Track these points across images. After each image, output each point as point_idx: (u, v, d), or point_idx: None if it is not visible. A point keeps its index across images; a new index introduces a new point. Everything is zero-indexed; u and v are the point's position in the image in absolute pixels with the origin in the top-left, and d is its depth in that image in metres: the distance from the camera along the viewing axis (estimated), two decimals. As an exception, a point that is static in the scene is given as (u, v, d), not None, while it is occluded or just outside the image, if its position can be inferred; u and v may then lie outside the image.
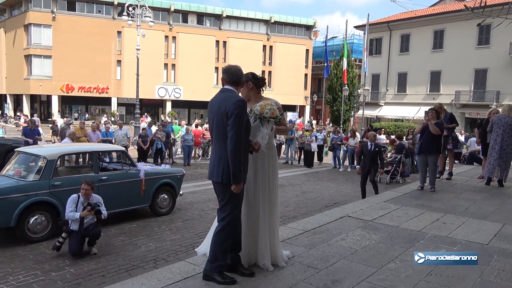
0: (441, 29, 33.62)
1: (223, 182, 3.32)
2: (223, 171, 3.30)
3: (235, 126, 3.23)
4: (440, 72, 33.67)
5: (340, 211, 6.10)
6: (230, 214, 3.36)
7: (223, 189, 3.37)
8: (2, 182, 6.36)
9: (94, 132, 13.02)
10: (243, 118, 3.27)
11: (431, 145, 7.73)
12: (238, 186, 3.27)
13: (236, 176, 3.25)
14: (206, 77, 44.99)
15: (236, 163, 3.24)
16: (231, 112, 3.23)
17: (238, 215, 3.45)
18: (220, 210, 3.44)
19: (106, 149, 8.99)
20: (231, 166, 3.25)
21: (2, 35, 44.49)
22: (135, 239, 6.47)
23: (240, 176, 3.26)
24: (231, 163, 3.25)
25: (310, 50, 51.22)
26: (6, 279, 4.85)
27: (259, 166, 3.66)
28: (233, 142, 3.23)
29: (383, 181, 12.50)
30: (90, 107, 44.22)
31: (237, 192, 3.29)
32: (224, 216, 3.38)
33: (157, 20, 39.89)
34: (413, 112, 33.92)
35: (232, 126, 3.24)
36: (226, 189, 3.33)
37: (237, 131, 3.24)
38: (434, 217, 5.77)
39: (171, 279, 3.47)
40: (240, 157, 3.25)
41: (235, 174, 3.24)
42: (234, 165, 3.24)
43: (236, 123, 3.23)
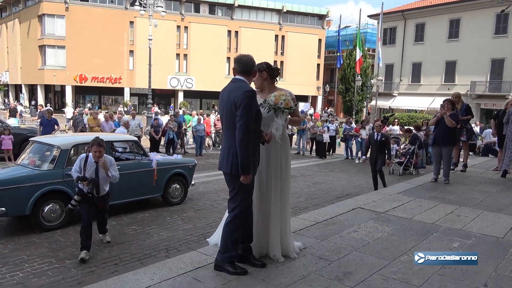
0: (457, 18, 32.94)
1: (232, 173, 3.32)
2: (232, 162, 3.30)
3: (243, 117, 3.21)
4: (456, 62, 33.08)
5: (352, 203, 6.06)
6: (240, 204, 3.36)
7: (232, 179, 3.37)
8: (17, 171, 6.45)
9: (107, 122, 13.13)
10: (251, 109, 3.24)
11: (446, 136, 7.61)
12: (247, 177, 3.26)
13: (244, 167, 3.23)
14: (218, 67, 44.90)
15: (244, 154, 3.22)
16: (240, 103, 3.21)
17: (249, 205, 3.43)
18: (230, 201, 3.44)
19: (119, 139, 9.05)
20: (239, 157, 3.24)
21: (17, 25, 44.92)
22: (147, 228, 6.53)
23: (248, 167, 3.24)
24: (239, 154, 3.24)
25: (322, 40, 50.67)
26: (22, 266, 4.94)
27: (272, 156, 3.63)
28: (241, 132, 3.21)
29: (396, 173, 12.39)
30: (103, 97, 44.52)
31: (246, 183, 3.28)
32: (234, 207, 3.38)
33: (169, 10, 39.84)
34: (427, 102, 33.47)
35: (241, 117, 3.22)
36: (235, 179, 3.32)
37: (245, 122, 3.21)
38: (448, 210, 5.70)
39: (183, 268, 3.49)
40: (248, 148, 3.22)
41: (243, 165, 3.23)
42: (242, 156, 3.23)
43: (244, 114, 3.21)
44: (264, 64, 3.76)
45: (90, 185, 5.18)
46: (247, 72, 3.44)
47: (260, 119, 3.40)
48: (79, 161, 5.28)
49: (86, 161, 5.24)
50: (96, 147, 5.23)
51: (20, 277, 4.63)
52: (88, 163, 5.26)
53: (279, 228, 3.66)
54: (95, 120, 13.17)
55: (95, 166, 5.26)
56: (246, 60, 3.44)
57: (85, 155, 5.30)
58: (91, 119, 13.26)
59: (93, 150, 5.25)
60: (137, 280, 3.27)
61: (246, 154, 3.23)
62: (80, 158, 5.35)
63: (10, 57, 47.03)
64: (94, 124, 12.96)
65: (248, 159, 3.23)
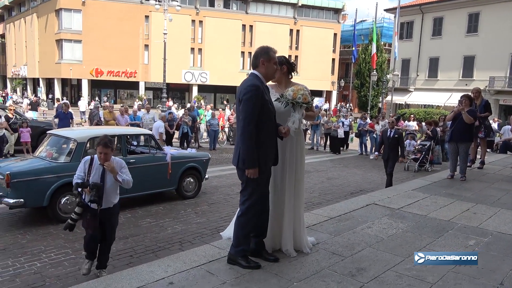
0: (476, 11, 32.25)
1: (239, 167, 3.35)
2: (239, 156, 3.33)
3: (243, 111, 3.26)
4: (474, 56, 32.44)
5: (366, 199, 6.02)
6: (249, 198, 3.37)
7: (241, 173, 3.39)
8: (35, 164, 6.58)
9: (122, 116, 13.26)
10: (252, 103, 3.23)
11: (463, 133, 7.49)
12: (251, 171, 3.26)
13: (245, 160, 3.26)
14: (232, 61, 44.90)
15: (245, 148, 3.26)
16: (241, 98, 3.26)
17: (259, 199, 3.41)
18: (241, 194, 3.47)
19: (134, 132, 9.14)
20: (241, 151, 3.29)
21: (34, 20, 45.58)
22: (161, 221, 6.59)
23: (250, 161, 3.24)
24: (240, 148, 3.29)
25: (338, 34, 50.17)
26: (40, 256, 5.04)
27: (288, 151, 3.64)
28: (241, 127, 3.28)
29: (411, 169, 12.26)
30: (118, 91, 44.97)
31: (251, 176, 3.27)
32: (244, 200, 3.40)
33: (184, 4, 39.90)
34: (444, 98, 32.92)
35: (241, 111, 3.28)
36: (243, 173, 3.35)
37: (245, 116, 3.24)
38: (464, 207, 5.62)
39: (196, 261, 3.52)
40: (249, 142, 3.23)
41: (244, 158, 3.27)
42: (243, 150, 3.27)
43: (245, 108, 3.25)
44: (283, 58, 3.73)
45: (93, 191, 4.14)
46: (254, 66, 3.46)
47: (270, 114, 3.37)
48: (83, 164, 4.37)
49: (91, 164, 4.33)
50: (101, 148, 4.25)
51: (38, 266, 4.74)
52: (94, 167, 4.34)
53: (292, 223, 3.66)
54: (111, 114, 13.31)
55: (101, 170, 4.33)
56: (255, 53, 3.49)
57: (90, 157, 4.41)
58: (107, 112, 13.40)
59: (98, 151, 4.30)
60: (152, 272, 3.31)
61: (246, 148, 3.25)
62: (84, 160, 4.44)
63: (28, 51, 47.81)
64: (110, 117, 13.11)
65: (250, 152, 3.24)
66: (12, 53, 53.13)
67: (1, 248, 5.29)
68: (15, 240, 5.59)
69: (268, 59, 3.40)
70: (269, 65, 3.41)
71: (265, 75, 3.41)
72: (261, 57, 3.40)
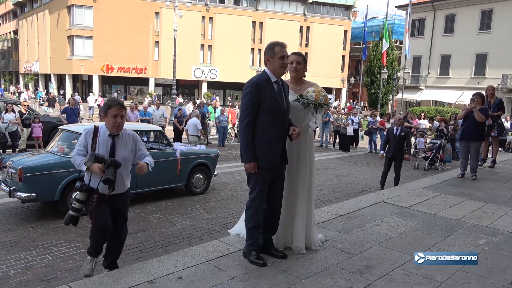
0: (489, 9, 31.77)
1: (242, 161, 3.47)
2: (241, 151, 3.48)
3: (241, 107, 3.45)
4: (487, 54, 31.98)
5: (375, 197, 6.00)
6: (251, 192, 3.45)
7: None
8: (47, 158, 6.67)
9: (132, 112, 13.35)
10: (247, 99, 3.34)
11: (474, 131, 7.42)
12: (247, 165, 3.35)
13: (241, 154, 3.41)
14: (242, 58, 44.88)
15: (241, 143, 3.41)
16: (242, 95, 3.43)
17: (260, 194, 3.40)
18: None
19: (144, 128, 9.21)
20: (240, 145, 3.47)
21: (46, 16, 46.00)
22: (170, 216, 6.64)
23: (245, 155, 3.35)
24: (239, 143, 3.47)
25: (348, 31, 49.84)
26: (51, 249, 5.12)
27: (302, 149, 3.66)
28: (239, 122, 3.53)
29: (421, 167, 12.16)
30: (128, 87, 45.26)
31: (248, 171, 3.37)
32: (249, 194, 3.49)
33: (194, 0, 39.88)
34: (455, 96, 32.54)
35: (240, 107, 3.48)
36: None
37: (242, 112, 3.39)
38: (475, 206, 5.57)
39: (205, 257, 3.55)
40: (245, 138, 3.33)
41: (241, 152, 3.41)
42: (240, 145, 3.45)
43: (241, 104, 3.44)
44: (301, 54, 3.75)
45: (110, 169, 3.28)
46: (265, 62, 3.51)
47: (272, 111, 3.35)
48: (84, 136, 3.48)
49: (95, 136, 3.45)
50: (117, 109, 3.38)
51: (49, 260, 4.81)
52: (99, 139, 3.44)
53: (305, 219, 3.68)
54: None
55: (110, 143, 3.45)
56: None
57: (93, 127, 3.49)
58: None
59: (113, 114, 3.39)
60: (161, 266, 3.34)
61: (242, 143, 3.38)
62: (86, 131, 3.50)
63: (40, 47, 48.31)
64: (120, 113, 13.19)
65: (245, 147, 3.33)
66: (25, 49, 53.74)
67: (14, 241, 5.38)
68: (27, 233, 5.68)
69: (272, 55, 3.39)
70: (273, 60, 3.39)
71: (272, 71, 3.41)
72: (266, 54, 3.44)
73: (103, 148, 3.46)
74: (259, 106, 3.31)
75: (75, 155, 3.49)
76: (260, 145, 3.32)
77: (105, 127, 3.51)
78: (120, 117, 3.42)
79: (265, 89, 3.33)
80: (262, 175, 3.36)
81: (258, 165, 3.33)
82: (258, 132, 3.33)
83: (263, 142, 3.32)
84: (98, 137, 3.47)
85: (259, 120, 3.32)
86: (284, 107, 3.40)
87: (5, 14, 65.37)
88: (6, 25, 65.79)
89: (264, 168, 3.34)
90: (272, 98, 3.33)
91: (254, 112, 3.31)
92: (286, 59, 3.45)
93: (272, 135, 3.36)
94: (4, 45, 64.78)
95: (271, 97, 3.33)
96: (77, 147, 3.52)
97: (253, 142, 3.32)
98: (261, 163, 3.33)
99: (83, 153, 3.46)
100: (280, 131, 3.39)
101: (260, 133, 3.33)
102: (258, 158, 3.32)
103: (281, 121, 3.39)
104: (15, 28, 59.79)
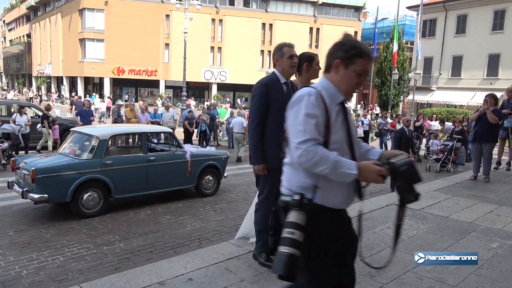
0: (502, 9, 31.36)
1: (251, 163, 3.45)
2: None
3: (250, 109, 3.47)
4: (499, 55, 31.56)
5: (386, 199, 5.95)
6: (260, 194, 3.45)
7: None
8: (59, 160, 6.73)
9: (143, 114, 13.45)
10: (255, 101, 3.34)
11: (487, 133, 7.33)
12: (256, 167, 3.34)
13: (251, 157, 3.39)
14: (252, 60, 44.94)
15: (250, 144, 3.41)
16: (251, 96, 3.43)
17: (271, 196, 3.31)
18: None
19: (154, 130, 9.26)
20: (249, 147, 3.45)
21: (59, 19, 46.64)
22: (180, 218, 6.66)
23: (254, 157, 3.34)
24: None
25: (358, 32, 49.57)
26: (62, 250, 5.16)
27: None
28: (247, 124, 3.47)
29: (432, 169, 12.04)
30: (139, 90, 45.62)
31: (258, 172, 3.37)
32: (258, 196, 3.51)
33: (204, 3, 40.14)
34: (467, 97, 32.17)
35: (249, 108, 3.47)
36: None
37: (250, 114, 3.40)
38: (488, 209, 5.49)
39: (215, 259, 3.55)
40: (253, 139, 3.32)
41: (250, 155, 3.41)
42: (249, 146, 3.43)
43: (250, 105, 3.45)
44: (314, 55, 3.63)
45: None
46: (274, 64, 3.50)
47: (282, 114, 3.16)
48: (314, 105, 1.94)
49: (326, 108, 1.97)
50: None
51: (61, 260, 4.85)
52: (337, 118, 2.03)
53: None
54: (132, 111, 13.52)
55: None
56: None
57: (315, 91, 2.06)
58: (128, 110, 13.62)
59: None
60: (171, 267, 3.35)
61: (251, 144, 3.38)
62: (310, 94, 2.02)
63: (53, 50, 49.00)
64: (131, 115, 13.31)
65: (254, 149, 3.33)
66: (37, 52, 54.56)
67: (26, 242, 5.44)
68: (39, 234, 5.74)
69: (280, 56, 3.38)
70: (282, 61, 3.38)
71: (282, 72, 3.40)
72: (275, 55, 3.43)
73: (342, 130, 2.04)
74: (268, 107, 3.30)
75: (311, 148, 1.88)
76: (269, 147, 3.29)
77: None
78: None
79: (274, 90, 3.32)
80: (271, 177, 3.31)
81: (267, 166, 3.31)
82: (267, 133, 3.31)
83: (272, 143, 3.28)
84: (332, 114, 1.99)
85: (268, 121, 3.30)
86: None
87: (18, 18, 66.46)
88: (19, 29, 66.86)
89: (273, 169, 3.29)
90: (280, 99, 3.29)
91: (263, 113, 3.29)
92: (295, 58, 3.44)
93: (281, 136, 3.31)
94: (17, 49, 65.85)
95: (280, 98, 3.30)
96: (303, 135, 1.92)
97: (262, 144, 3.30)
98: (270, 165, 3.31)
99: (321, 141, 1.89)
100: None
101: (269, 134, 3.31)
102: (267, 159, 3.30)
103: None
104: (28, 32, 60.74)
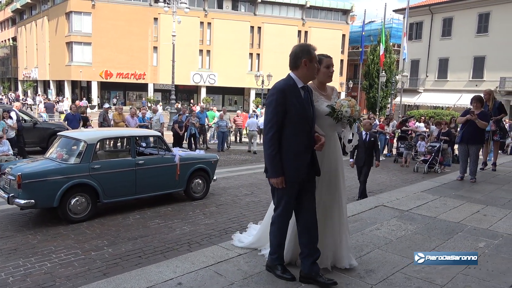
0: (486, 12, 31.94)
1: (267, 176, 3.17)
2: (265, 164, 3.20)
3: (264, 117, 3.13)
4: (484, 57, 32.10)
5: (374, 200, 5.99)
6: (276, 208, 3.21)
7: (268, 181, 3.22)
8: (45, 165, 6.64)
9: (132, 118, 13.36)
10: (272, 108, 3.02)
11: (474, 135, 7.43)
12: (274, 181, 3.06)
13: (265, 168, 3.14)
14: (241, 63, 44.97)
15: (266, 156, 3.09)
16: (266, 102, 3.17)
17: (287, 210, 3.17)
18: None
19: (143, 134, 9.20)
20: (264, 159, 3.16)
21: (45, 23, 46.12)
22: (170, 222, 6.62)
23: (270, 169, 3.06)
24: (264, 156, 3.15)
25: (346, 35, 50.02)
26: (50, 256, 5.10)
27: (339, 160, 3.51)
28: (263, 133, 3.15)
29: (420, 170, 12.16)
30: (127, 93, 45.31)
31: (276, 186, 3.08)
32: (274, 209, 3.25)
33: (193, 6, 40.14)
34: (454, 99, 32.63)
35: (264, 116, 3.15)
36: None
37: (266, 124, 3.07)
38: (474, 209, 5.57)
39: (205, 262, 3.53)
40: (270, 151, 3.02)
41: (265, 166, 3.14)
42: (265, 158, 3.13)
43: (265, 113, 3.11)
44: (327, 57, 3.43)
45: None
46: (293, 67, 3.14)
47: (300, 120, 3.04)
48: None
49: None
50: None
51: (48, 267, 4.79)
52: None
53: (347, 236, 3.51)
54: (120, 115, 13.41)
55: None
56: (291, 53, 3.15)
57: None
58: (116, 114, 13.51)
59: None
60: (160, 272, 3.33)
61: (267, 156, 3.07)
62: None
63: (39, 53, 48.41)
64: (120, 119, 13.20)
65: (271, 161, 3.04)
66: (23, 56, 53.85)
67: (13, 248, 5.36)
68: (26, 240, 5.66)
69: (310, 59, 3.09)
70: (311, 65, 3.09)
71: (303, 76, 3.10)
72: (304, 57, 3.08)
73: None
74: (285, 115, 3.00)
75: None
76: (286, 158, 3.04)
77: None
78: None
79: (292, 96, 3.02)
80: (288, 189, 3.09)
81: (285, 179, 3.06)
82: (284, 143, 3.03)
83: (288, 154, 3.04)
84: None
85: (284, 130, 3.02)
86: (312, 115, 3.12)
87: (4, 21, 65.55)
88: (5, 32, 65.95)
89: (290, 181, 3.06)
90: (300, 106, 3.03)
91: (280, 122, 3.00)
92: (332, 68, 3.31)
93: (299, 146, 3.05)
94: (3, 52, 64.93)
95: (299, 104, 3.03)
96: None
97: (280, 155, 3.03)
98: (287, 177, 3.05)
99: None
100: (308, 141, 3.09)
101: (286, 145, 3.04)
102: (284, 171, 3.04)
103: (309, 130, 3.10)
104: (14, 35, 59.93)
